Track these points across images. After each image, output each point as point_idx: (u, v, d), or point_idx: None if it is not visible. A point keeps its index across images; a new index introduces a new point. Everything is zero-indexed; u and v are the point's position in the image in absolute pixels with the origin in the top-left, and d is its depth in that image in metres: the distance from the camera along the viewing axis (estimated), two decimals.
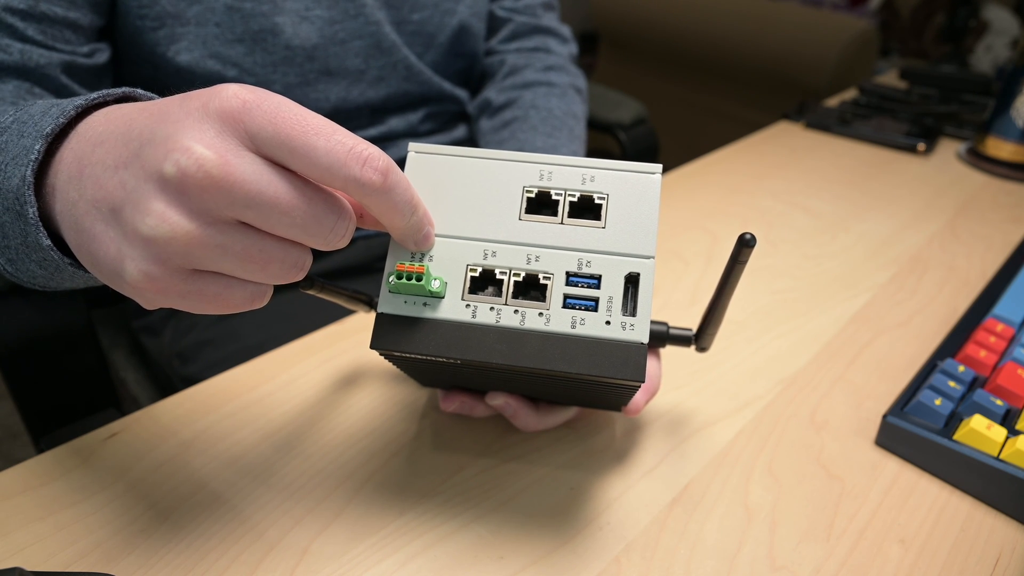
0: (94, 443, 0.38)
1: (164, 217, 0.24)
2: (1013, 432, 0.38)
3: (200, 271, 0.26)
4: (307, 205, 0.25)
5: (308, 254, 0.27)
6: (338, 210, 0.26)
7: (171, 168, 0.23)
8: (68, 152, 0.27)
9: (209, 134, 0.24)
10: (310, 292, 0.31)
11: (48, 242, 0.29)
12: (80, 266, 0.30)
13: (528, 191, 0.30)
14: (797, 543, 0.34)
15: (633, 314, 0.29)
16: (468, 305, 0.29)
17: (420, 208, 0.28)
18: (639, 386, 0.29)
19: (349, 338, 0.48)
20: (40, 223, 0.28)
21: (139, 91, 0.30)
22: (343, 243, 0.27)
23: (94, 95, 0.29)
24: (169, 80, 0.54)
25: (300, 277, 0.27)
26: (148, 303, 0.27)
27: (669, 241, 0.62)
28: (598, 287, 0.29)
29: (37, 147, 0.27)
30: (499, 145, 0.63)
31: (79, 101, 0.28)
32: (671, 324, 0.38)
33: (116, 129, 0.26)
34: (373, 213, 0.27)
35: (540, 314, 0.29)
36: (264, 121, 0.24)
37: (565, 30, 0.76)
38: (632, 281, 0.29)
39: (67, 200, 0.27)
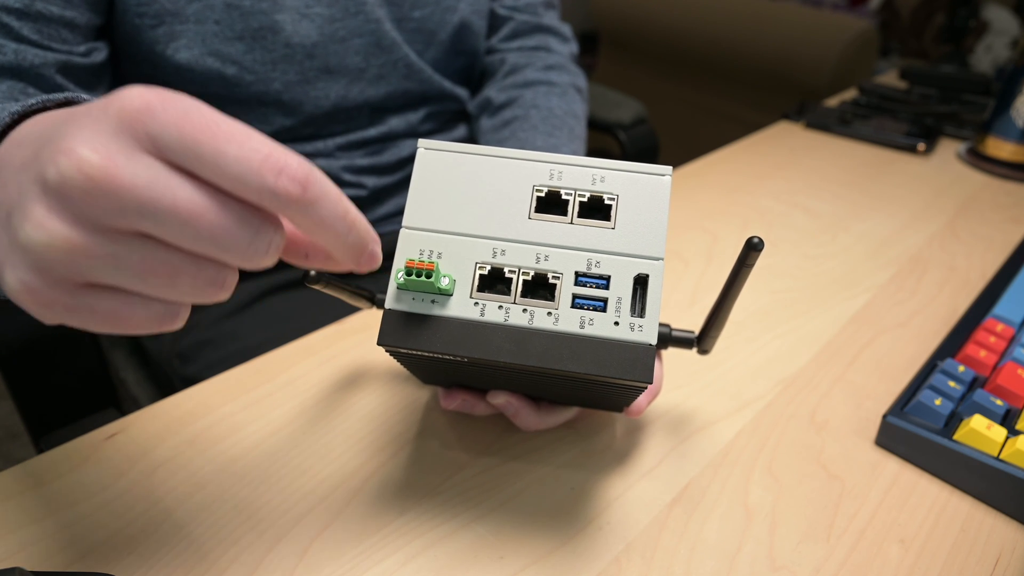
0: (94, 443, 0.38)
1: (42, 223, 0.21)
2: (1013, 432, 0.38)
3: (94, 285, 0.23)
4: (215, 215, 0.22)
5: (229, 271, 0.24)
6: (256, 223, 0.23)
7: (52, 171, 0.21)
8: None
9: (101, 137, 0.21)
10: (316, 287, 0.31)
11: None
12: None
13: (538, 190, 0.30)
14: (797, 543, 0.34)
15: (642, 315, 0.29)
16: (476, 303, 0.29)
17: (357, 224, 0.25)
18: (645, 387, 0.29)
19: (349, 338, 0.48)
20: None
21: (82, 96, 0.29)
22: (268, 260, 0.24)
23: (33, 100, 0.28)
24: (168, 78, 0.54)
25: (220, 296, 0.24)
26: (38, 316, 0.24)
27: (669, 241, 0.62)
28: (607, 288, 0.29)
29: None
30: (499, 144, 0.63)
31: (15, 107, 0.27)
32: (672, 325, 0.38)
33: (36, 131, 0.25)
34: (303, 232, 0.24)
35: (549, 313, 0.29)
36: (168, 123, 0.21)
37: (566, 29, 0.75)
38: (641, 282, 0.29)
39: None
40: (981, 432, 0.37)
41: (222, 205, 0.22)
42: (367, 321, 0.49)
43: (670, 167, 0.31)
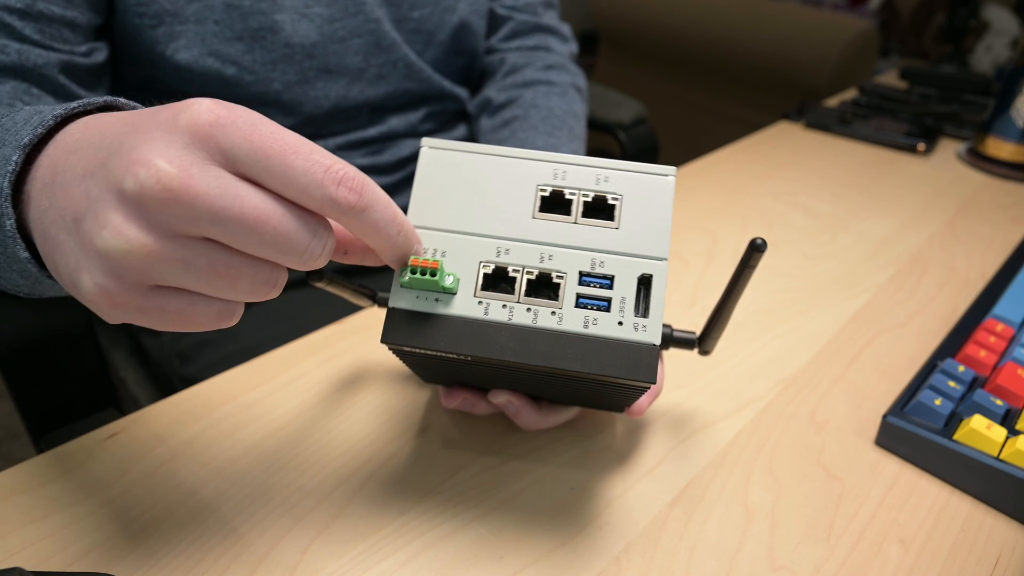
0: (94, 443, 0.38)
1: (120, 231, 0.23)
2: (1013, 432, 0.38)
3: (162, 287, 0.25)
4: (278, 222, 0.24)
5: (281, 271, 0.26)
6: (313, 228, 0.25)
7: (131, 181, 0.23)
8: (45, 160, 0.27)
9: (175, 148, 0.23)
10: (319, 285, 0.31)
11: (26, 255, 0.28)
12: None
13: (542, 190, 0.30)
14: (797, 543, 0.34)
15: (645, 315, 0.29)
16: (480, 302, 0.29)
17: (405, 226, 0.28)
18: (647, 387, 0.29)
19: (349, 338, 0.48)
20: (17, 235, 0.28)
21: (121, 100, 0.30)
22: (320, 262, 0.26)
23: (75, 104, 0.28)
24: (168, 79, 0.54)
25: (273, 295, 0.26)
26: (107, 317, 0.26)
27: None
28: (611, 287, 0.29)
29: (15, 158, 0.27)
30: (499, 144, 0.63)
31: (59, 110, 0.28)
32: (673, 325, 0.38)
33: (91, 138, 0.26)
34: (355, 234, 0.26)
35: (553, 313, 0.29)
36: (239, 138, 0.23)
37: (565, 29, 0.75)
38: (645, 282, 0.29)
39: (39, 208, 0.26)
40: (981, 432, 0.37)
41: (285, 212, 0.24)
42: (367, 321, 0.49)
43: (674, 167, 0.31)
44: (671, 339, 0.34)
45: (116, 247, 0.23)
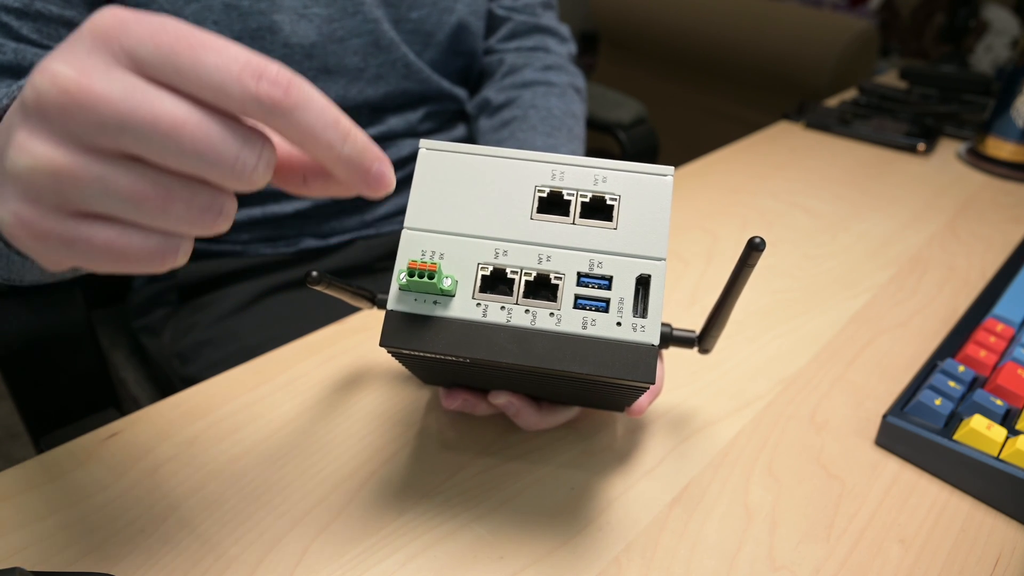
0: (94, 443, 0.38)
1: (23, 146, 0.21)
2: (1013, 432, 0.38)
3: (88, 215, 0.22)
4: (196, 127, 0.21)
5: (224, 196, 0.23)
6: (243, 136, 0.22)
7: (29, 92, 0.21)
8: None
9: (76, 54, 0.21)
10: (317, 288, 0.31)
11: None
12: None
13: (540, 190, 0.30)
14: (797, 543, 0.34)
15: (644, 316, 0.29)
16: (479, 304, 0.29)
17: (352, 134, 0.24)
18: (647, 388, 0.29)
19: (349, 338, 0.48)
20: None
21: None
22: (258, 177, 0.23)
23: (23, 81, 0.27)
24: None
25: (220, 225, 0.24)
26: (36, 254, 0.23)
27: (669, 241, 0.62)
28: (609, 288, 0.29)
29: None
30: (498, 144, 0.63)
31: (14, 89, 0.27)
32: (673, 325, 0.38)
33: None
34: (292, 143, 0.23)
35: (551, 314, 0.29)
36: (143, 36, 0.21)
37: (564, 29, 0.75)
38: (643, 283, 0.29)
39: None
40: (981, 432, 0.37)
41: (204, 116, 0.22)
42: (367, 321, 0.49)
43: (672, 167, 0.31)
44: (671, 338, 0.34)
45: (23, 164, 0.21)
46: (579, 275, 0.29)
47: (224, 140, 0.22)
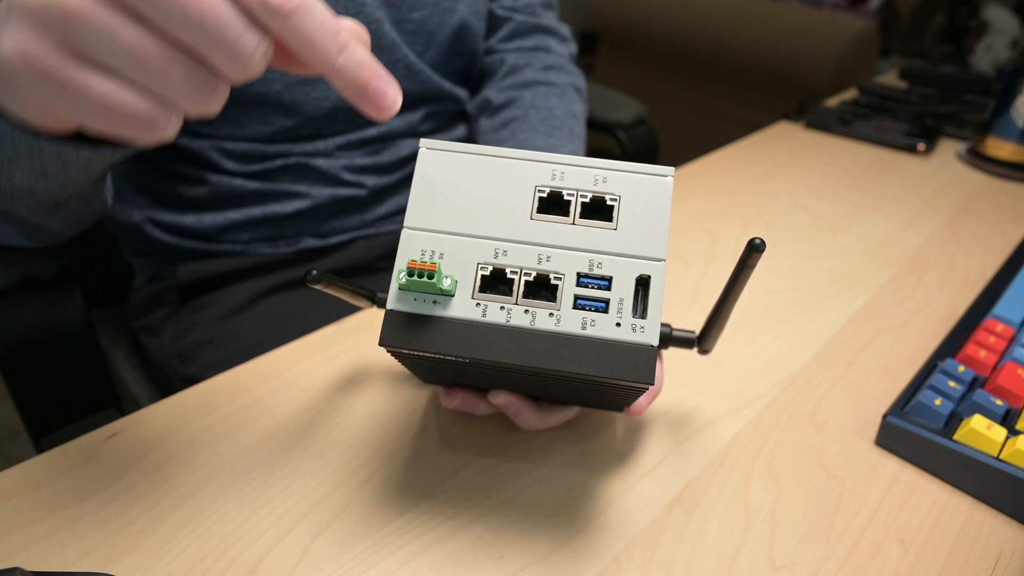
0: (94, 443, 0.38)
1: None
2: (1013, 432, 0.38)
3: (89, 62, 0.24)
4: (206, 3, 0.23)
5: (219, 79, 0.25)
6: (246, 21, 0.24)
7: None
8: None
9: None
10: (317, 287, 0.31)
11: None
12: None
13: (540, 191, 0.30)
14: (797, 543, 0.34)
15: (643, 316, 0.29)
16: (478, 304, 0.29)
17: (351, 48, 0.25)
18: (646, 388, 0.29)
19: (349, 338, 0.48)
20: None
21: None
22: (254, 66, 0.24)
23: None
24: None
25: (211, 105, 0.25)
26: (30, 98, 0.25)
27: (669, 241, 0.62)
28: (609, 288, 0.29)
29: None
30: (499, 144, 0.63)
31: None
32: (673, 325, 0.38)
33: None
34: (291, 47, 0.25)
35: (551, 314, 0.29)
36: None
37: (564, 29, 0.75)
38: (643, 283, 0.29)
39: None
40: (981, 432, 0.37)
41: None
42: (367, 321, 0.49)
43: (672, 168, 0.31)
44: (670, 338, 0.34)
45: None
46: (579, 275, 0.29)
47: (229, 20, 0.23)
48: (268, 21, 0.24)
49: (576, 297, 0.29)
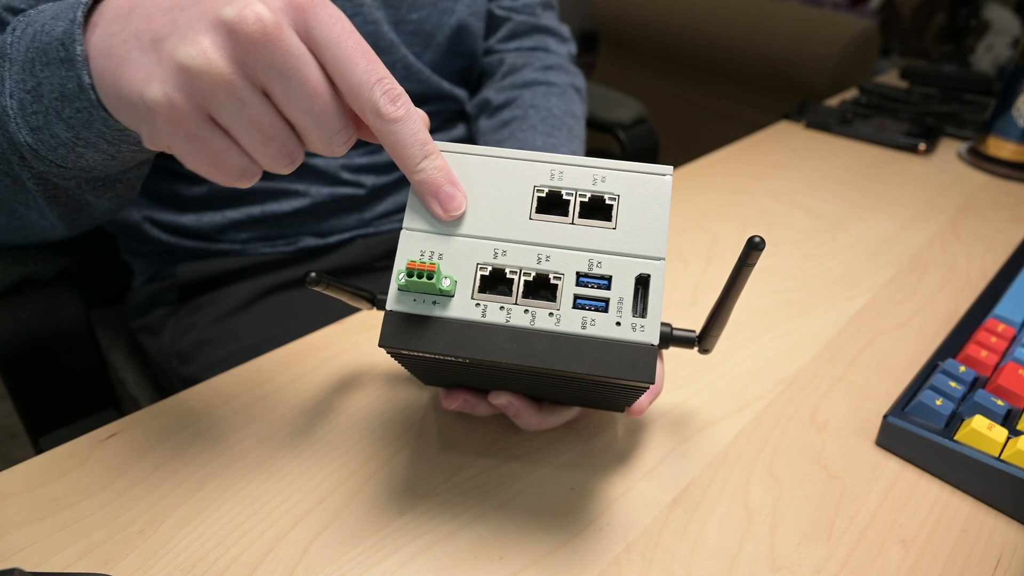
0: (93, 443, 0.38)
1: (205, 51, 0.26)
2: (1014, 432, 0.38)
3: (213, 122, 0.28)
4: (328, 100, 0.28)
5: (303, 151, 0.30)
6: (347, 119, 0.29)
7: (231, 12, 0.26)
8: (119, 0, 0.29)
9: (274, 6, 0.26)
10: (316, 288, 0.31)
11: (89, 80, 0.30)
12: (109, 114, 0.31)
13: (539, 190, 0.30)
14: (797, 544, 0.34)
15: (643, 315, 0.29)
16: (478, 304, 0.29)
17: (433, 155, 0.29)
18: (646, 387, 0.29)
19: (349, 338, 0.47)
20: (86, 62, 0.30)
21: None
22: (340, 151, 0.29)
23: None
24: None
25: (286, 169, 0.29)
26: (155, 135, 0.28)
27: (669, 241, 0.61)
28: (608, 288, 0.29)
29: None
30: (498, 144, 0.63)
31: None
32: (673, 325, 0.38)
33: None
34: (385, 146, 0.29)
35: (550, 314, 0.29)
36: (326, 20, 0.27)
37: (564, 29, 0.75)
38: (642, 282, 0.29)
39: (107, 33, 0.29)
40: (982, 432, 0.37)
41: (335, 97, 0.28)
42: (367, 321, 0.49)
43: (671, 167, 0.31)
44: (671, 338, 0.34)
45: (197, 63, 0.26)
46: (578, 275, 0.29)
47: (338, 117, 0.28)
48: (374, 123, 0.28)
49: (576, 297, 0.29)
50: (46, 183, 0.38)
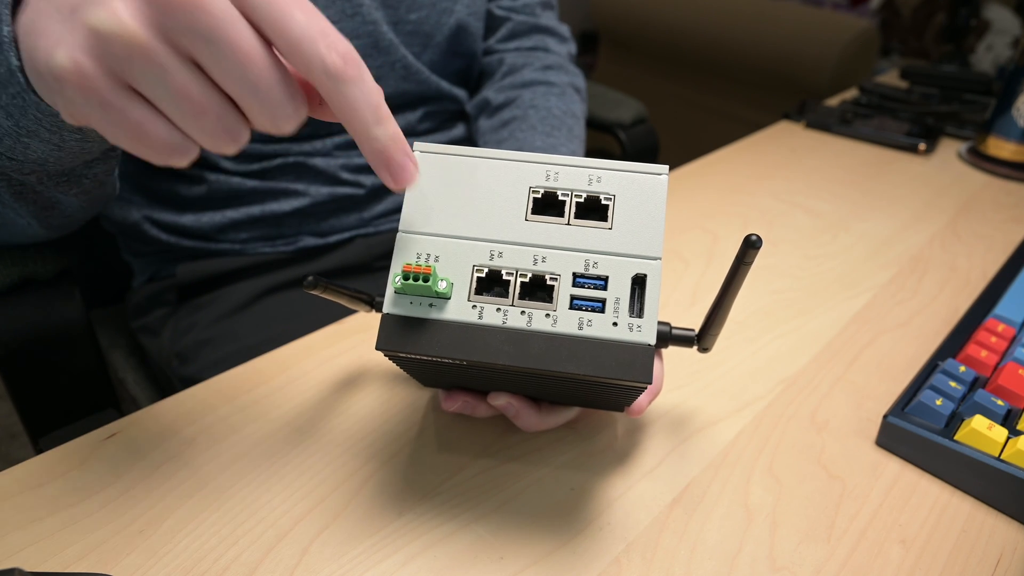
0: (93, 443, 0.38)
1: (117, 12, 0.23)
2: (1014, 432, 0.38)
3: (132, 91, 0.25)
4: (263, 66, 0.24)
5: (245, 129, 0.26)
6: (292, 90, 0.26)
7: None
8: None
9: None
10: (314, 292, 0.31)
11: (17, 63, 0.28)
12: (41, 98, 0.29)
13: (534, 191, 0.30)
14: (798, 544, 0.34)
15: (640, 315, 0.29)
16: (474, 306, 0.29)
17: (386, 121, 0.27)
18: (645, 387, 0.29)
19: (348, 338, 0.47)
20: (13, 43, 0.28)
21: None
22: (286, 128, 0.26)
23: None
24: None
25: (229, 149, 0.26)
26: (68, 104, 0.26)
27: (669, 241, 0.62)
28: (605, 288, 0.29)
29: None
30: (498, 144, 0.63)
31: None
32: (672, 324, 0.38)
33: None
34: (333, 109, 0.26)
35: (547, 315, 0.29)
36: None
37: (563, 29, 0.75)
38: (639, 282, 0.29)
39: (35, 10, 0.27)
40: (982, 432, 0.37)
41: (274, 63, 0.25)
42: (367, 321, 0.49)
43: (666, 166, 0.31)
44: (670, 336, 0.34)
45: (108, 26, 0.23)
46: (574, 276, 0.29)
47: (280, 85, 0.25)
48: (320, 82, 0.25)
49: (572, 297, 0.29)
50: (9, 179, 0.37)
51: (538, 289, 0.30)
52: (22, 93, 0.30)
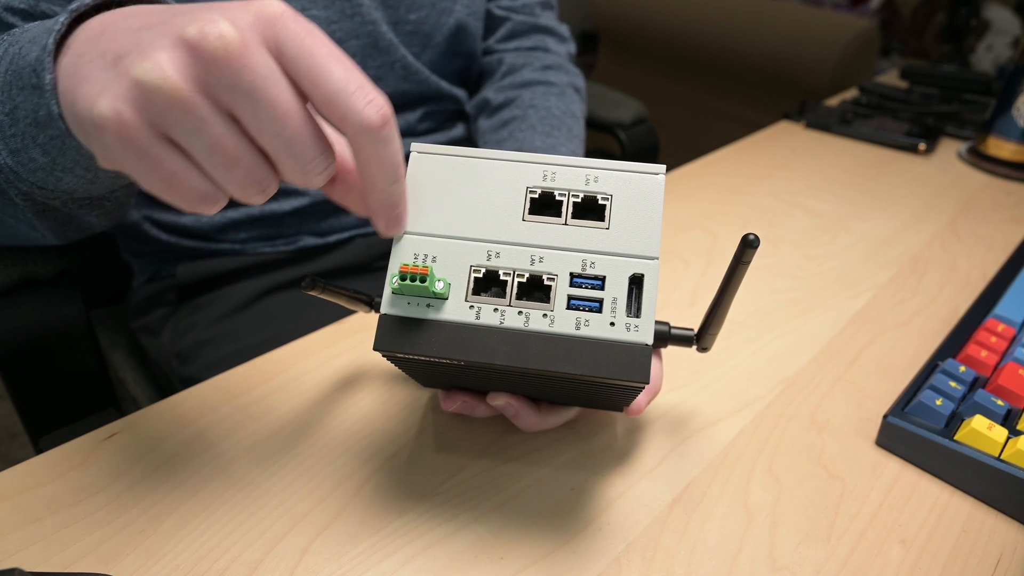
0: (93, 443, 0.38)
1: (162, 66, 0.24)
2: (1014, 432, 0.38)
3: (168, 140, 0.26)
4: (300, 123, 0.25)
5: (274, 180, 0.27)
6: (324, 147, 0.26)
7: (194, 30, 0.24)
8: (96, 20, 0.28)
9: (241, 22, 0.24)
10: (312, 293, 0.31)
11: (58, 110, 0.29)
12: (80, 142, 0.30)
13: (532, 192, 0.30)
14: (798, 544, 0.34)
15: (637, 315, 0.29)
16: (472, 306, 0.29)
17: (402, 180, 0.28)
18: (643, 387, 0.29)
19: (349, 338, 0.47)
20: (55, 90, 0.29)
21: None
22: (316, 182, 0.27)
23: None
24: None
25: (258, 200, 0.27)
26: (105, 150, 0.26)
27: (669, 241, 0.62)
28: (602, 288, 0.29)
29: (62, 19, 0.29)
30: (498, 144, 0.63)
31: None
32: (672, 324, 0.38)
33: (154, 7, 0.28)
34: (358, 161, 0.27)
35: (544, 315, 0.29)
36: (296, 31, 0.25)
37: (563, 29, 0.75)
38: (636, 282, 0.29)
39: (76, 54, 0.27)
40: (982, 432, 0.37)
41: (309, 120, 0.26)
42: (366, 321, 0.49)
43: (663, 166, 0.31)
44: (668, 336, 0.34)
45: (152, 78, 0.24)
46: (572, 276, 0.29)
47: (312, 142, 0.26)
48: (354, 137, 0.26)
49: (569, 297, 0.29)
50: (33, 201, 0.38)
51: (535, 289, 0.30)
52: (62, 136, 0.30)
